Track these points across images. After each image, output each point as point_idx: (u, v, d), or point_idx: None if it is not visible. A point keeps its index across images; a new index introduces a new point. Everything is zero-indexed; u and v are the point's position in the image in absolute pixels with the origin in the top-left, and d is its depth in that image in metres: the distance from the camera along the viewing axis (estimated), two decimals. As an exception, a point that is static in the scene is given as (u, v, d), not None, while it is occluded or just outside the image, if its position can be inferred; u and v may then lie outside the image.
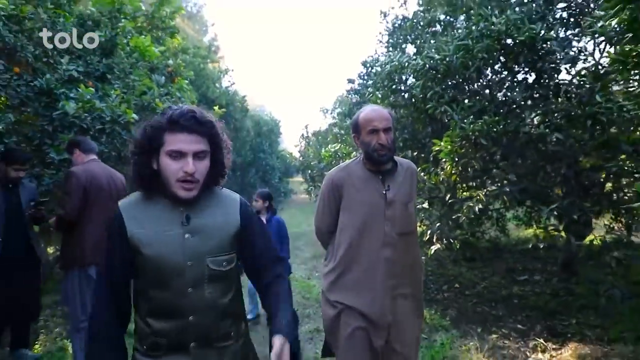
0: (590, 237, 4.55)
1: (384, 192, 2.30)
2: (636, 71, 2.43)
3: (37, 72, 5.00)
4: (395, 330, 2.29)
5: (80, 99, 4.18)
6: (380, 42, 6.86)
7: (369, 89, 5.63)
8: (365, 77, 7.19)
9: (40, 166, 4.82)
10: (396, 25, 6.65)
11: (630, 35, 2.30)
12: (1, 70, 4.59)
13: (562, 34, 4.58)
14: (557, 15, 4.73)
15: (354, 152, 5.54)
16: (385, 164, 2.31)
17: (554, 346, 4.05)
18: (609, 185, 4.39)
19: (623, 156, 3.86)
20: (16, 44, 4.71)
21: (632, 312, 4.42)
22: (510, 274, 6.57)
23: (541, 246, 8.44)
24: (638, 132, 3.74)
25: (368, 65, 7.21)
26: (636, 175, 3.77)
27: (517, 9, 4.84)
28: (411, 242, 2.41)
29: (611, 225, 4.42)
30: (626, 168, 3.89)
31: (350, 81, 8.20)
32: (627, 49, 2.39)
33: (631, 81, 3.01)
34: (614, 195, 4.19)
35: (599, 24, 3.41)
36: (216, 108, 6.84)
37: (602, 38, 3.98)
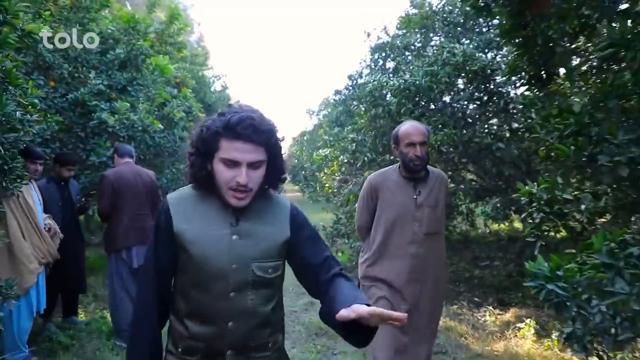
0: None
1: (415, 197, 2.63)
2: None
3: (70, 86, 5.87)
4: (419, 299, 2.69)
5: (117, 112, 5.06)
6: (364, 61, 7.91)
7: (354, 102, 6.63)
8: (351, 89, 8.19)
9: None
10: (378, 45, 7.67)
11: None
12: (40, 85, 5.43)
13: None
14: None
15: (341, 156, 6.52)
16: (419, 172, 2.64)
17: (499, 312, 5.07)
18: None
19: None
20: (53, 62, 5.54)
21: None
22: (474, 261, 7.61)
23: (504, 237, 9.59)
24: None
25: (353, 78, 8.23)
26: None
27: (475, 37, 5.89)
28: (437, 242, 2.73)
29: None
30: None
31: (338, 92, 9.17)
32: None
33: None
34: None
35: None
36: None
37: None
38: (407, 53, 7.01)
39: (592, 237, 2.00)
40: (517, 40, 2.75)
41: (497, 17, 2.86)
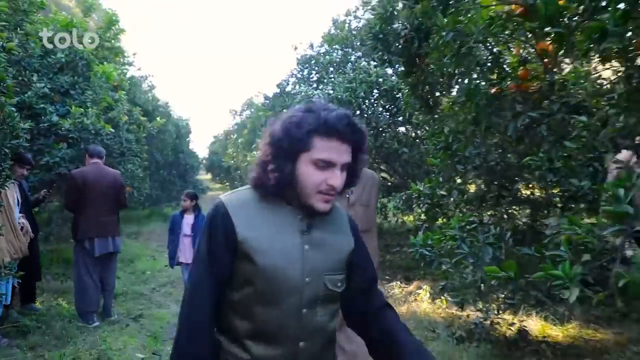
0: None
1: (347, 197, 2.66)
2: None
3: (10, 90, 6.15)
4: None
5: (71, 116, 5.52)
6: (293, 73, 8.85)
7: (284, 110, 7.52)
8: (279, 96, 9.08)
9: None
10: (304, 59, 8.63)
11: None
12: (-15, 88, 5.70)
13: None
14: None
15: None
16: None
17: (405, 285, 6.26)
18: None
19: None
20: (-2, 66, 5.83)
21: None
22: (386, 248, 8.86)
23: (411, 227, 11.01)
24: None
25: (281, 86, 9.12)
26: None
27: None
28: (369, 238, 2.74)
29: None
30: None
31: (267, 97, 10.00)
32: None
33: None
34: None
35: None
36: (158, 119, 8.26)
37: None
38: (330, 68, 8.07)
39: (451, 219, 3.10)
40: (409, 80, 3.83)
41: (396, 65, 3.92)
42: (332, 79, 7.41)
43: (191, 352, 1.26)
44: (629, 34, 2.01)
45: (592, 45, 1.94)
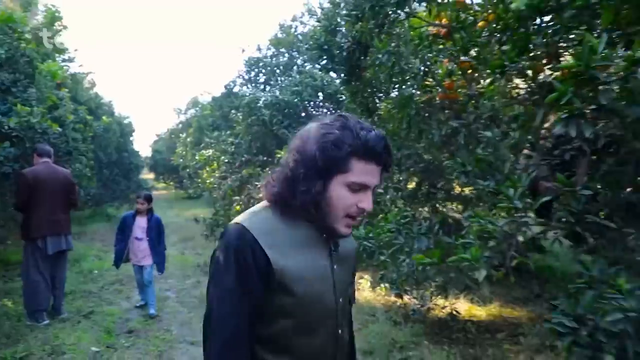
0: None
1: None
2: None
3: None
4: None
5: (18, 115, 5.47)
6: (241, 76, 9.06)
7: (232, 111, 7.75)
8: (227, 97, 9.24)
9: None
10: (252, 61, 8.87)
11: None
12: None
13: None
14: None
15: (222, 157, 7.60)
16: None
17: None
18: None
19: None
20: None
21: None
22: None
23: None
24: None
25: (229, 87, 9.29)
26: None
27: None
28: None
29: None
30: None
31: (215, 99, 10.12)
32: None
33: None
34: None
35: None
36: (104, 117, 8.20)
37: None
38: (277, 71, 8.35)
39: (388, 214, 3.52)
40: (350, 87, 4.23)
41: (339, 72, 4.31)
42: (279, 82, 7.71)
43: None
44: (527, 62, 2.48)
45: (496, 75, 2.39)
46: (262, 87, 8.89)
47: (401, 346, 4.11)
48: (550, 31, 2.24)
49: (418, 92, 3.82)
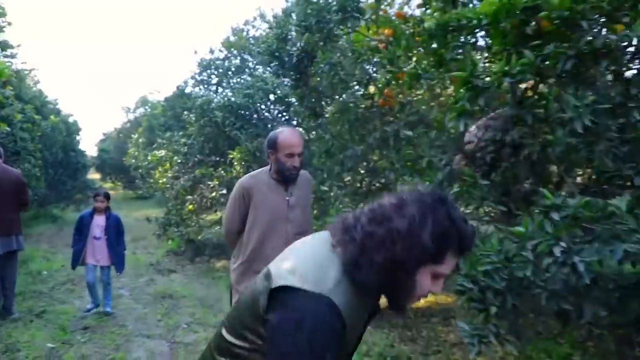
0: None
1: (287, 199, 2.65)
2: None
3: None
4: None
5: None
6: (193, 77, 9.20)
7: (185, 112, 7.90)
8: (179, 97, 9.34)
9: None
10: (205, 63, 9.02)
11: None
12: None
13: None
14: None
15: (175, 157, 7.73)
16: (294, 180, 2.66)
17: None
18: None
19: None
20: None
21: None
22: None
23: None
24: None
25: (181, 88, 9.40)
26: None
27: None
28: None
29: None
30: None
31: (167, 100, 10.17)
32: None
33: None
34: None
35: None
36: (52, 117, 8.09)
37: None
38: (229, 73, 8.56)
39: (331, 209, 3.89)
40: (298, 92, 4.57)
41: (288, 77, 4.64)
42: (231, 84, 7.93)
43: None
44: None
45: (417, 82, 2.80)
46: (214, 88, 9.06)
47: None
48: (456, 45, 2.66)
49: (360, 99, 4.23)
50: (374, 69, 3.99)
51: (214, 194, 7.45)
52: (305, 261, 1.17)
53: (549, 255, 2.16)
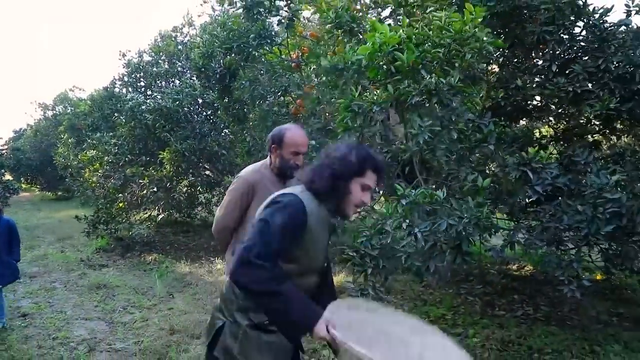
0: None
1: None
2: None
3: None
4: None
5: None
6: (121, 80, 9.45)
7: (115, 114, 8.24)
8: (108, 99, 9.57)
9: None
10: (133, 66, 9.33)
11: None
12: None
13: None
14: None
15: (106, 157, 8.07)
16: (292, 177, 2.66)
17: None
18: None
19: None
20: None
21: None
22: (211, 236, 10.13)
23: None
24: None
25: (109, 90, 9.62)
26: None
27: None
28: None
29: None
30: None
31: (94, 101, 10.28)
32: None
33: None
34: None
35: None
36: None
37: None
38: (158, 77, 8.98)
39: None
40: (223, 101, 5.29)
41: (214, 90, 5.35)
42: (161, 88, 8.39)
43: None
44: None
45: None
46: (142, 90, 9.43)
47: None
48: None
49: (276, 107, 5.04)
50: (288, 83, 4.81)
51: (144, 192, 7.90)
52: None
53: (400, 229, 3.11)
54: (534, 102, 5.03)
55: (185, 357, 4.01)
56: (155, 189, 7.80)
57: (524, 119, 5.59)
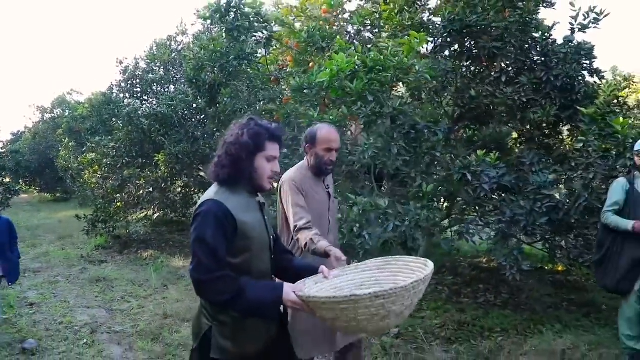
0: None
1: (327, 191, 2.82)
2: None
3: None
4: None
5: None
6: (119, 86, 9.95)
7: (113, 119, 8.73)
8: (107, 104, 10.06)
9: None
10: (130, 73, 9.83)
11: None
12: None
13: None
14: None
15: (105, 160, 8.57)
16: (328, 174, 2.79)
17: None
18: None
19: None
20: None
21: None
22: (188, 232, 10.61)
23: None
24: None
25: (107, 95, 10.13)
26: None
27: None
28: (337, 228, 3.03)
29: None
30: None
31: (94, 105, 10.75)
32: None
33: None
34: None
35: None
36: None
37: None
38: (154, 84, 9.50)
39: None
40: (211, 110, 5.81)
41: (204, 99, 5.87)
42: (156, 94, 8.89)
43: None
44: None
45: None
46: (138, 95, 9.93)
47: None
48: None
49: (260, 115, 5.56)
50: (268, 96, 5.33)
51: (140, 192, 8.39)
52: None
53: (351, 231, 3.65)
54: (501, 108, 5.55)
55: (177, 337, 4.52)
56: (151, 190, 8.30)
57: (492, 123, 6.12)
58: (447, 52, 5.20)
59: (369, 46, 4.47)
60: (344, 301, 1.65)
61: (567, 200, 4.27)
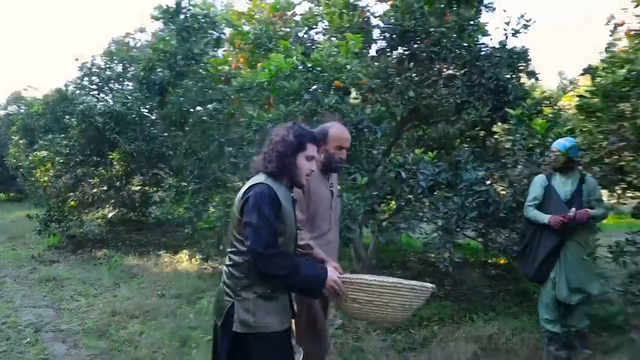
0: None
1: (331, 189, 2.85)
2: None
3: None
4: None
5: None
6: (74, 83, 9.77)
7: (67, 116, 8.61)
8: (61, 101, 9.85)
9: None
10: (86, 69, 9.67)
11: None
12: None
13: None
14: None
15: (57, 158, 8.43)
16: (337, 171, 2.87)
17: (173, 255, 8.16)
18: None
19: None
20: None
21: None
22: (165, 234, 10.57)
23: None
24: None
25: (62, 92, 9.93)
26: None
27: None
28: (338, 225, 3.01)
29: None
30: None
31: (48, 103, 10.50)
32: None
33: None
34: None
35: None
36: None
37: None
38: (110, 81, 9.39)
39: (185, 199, 5.25)
40: (163, 110, 5.85)
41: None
42: (113, 91, 8.81)
43: None
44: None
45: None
46: (95, 92, 9.81)
47: (202, 290, 5.85)
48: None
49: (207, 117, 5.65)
50: (219, 95, 5.43)
51: (95, 191, 8.29)
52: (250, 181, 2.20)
53: None
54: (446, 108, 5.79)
55: (124, 333, 4.56)
56: (105, 188, 8.23)
57: (440, 123, 6.39)
58: (394, 54, 5.44)
59: (313, 47, 4.63)
60: (390, 285, 1.97)
61: (497, 197, 4.54)
